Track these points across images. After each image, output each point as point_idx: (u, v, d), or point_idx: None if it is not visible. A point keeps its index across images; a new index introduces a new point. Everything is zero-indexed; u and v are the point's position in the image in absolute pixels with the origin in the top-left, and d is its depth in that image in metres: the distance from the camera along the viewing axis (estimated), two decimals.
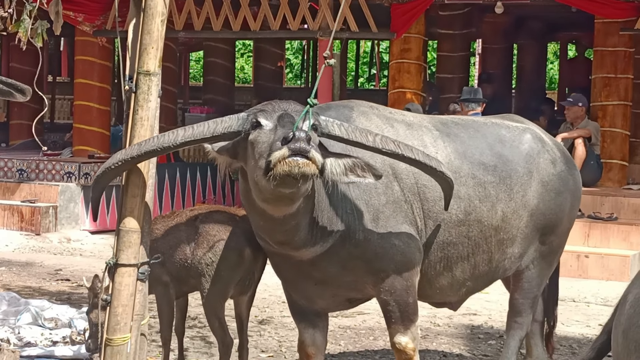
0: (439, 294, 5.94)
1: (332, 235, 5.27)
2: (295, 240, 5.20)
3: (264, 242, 5.43)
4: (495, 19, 17.53)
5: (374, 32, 14.05)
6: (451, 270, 5.81)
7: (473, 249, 5.81)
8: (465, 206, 5.69)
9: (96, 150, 15.27)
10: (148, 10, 4.42)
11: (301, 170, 4.53)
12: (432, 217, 5.59)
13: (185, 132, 4.73)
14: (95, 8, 14.99)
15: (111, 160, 4.66)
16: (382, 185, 5.38)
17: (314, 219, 5.19)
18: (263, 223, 5.19)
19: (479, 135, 5.99)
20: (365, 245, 5.35)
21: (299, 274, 5.53)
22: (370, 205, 5.36)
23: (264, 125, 4.79)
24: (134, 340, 4.60)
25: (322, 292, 5.62)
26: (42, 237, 13.61)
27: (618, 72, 13.31)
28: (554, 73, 30.58)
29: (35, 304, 8.07)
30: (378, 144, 4.91)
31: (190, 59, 29.06)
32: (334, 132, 4.91)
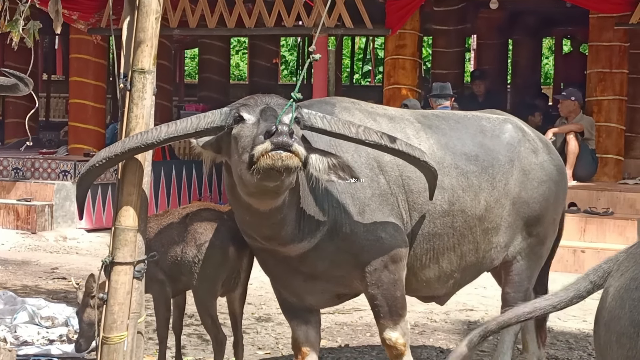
0: (425, 287, 5.95)
1: (319, 230, 5.28)
2: (282, 235, 5.20)
3: (251, 238, 5.43)
4: (490, 14, 17.55)
5: (369, 28, 14.04)
6: (438, 262, 5.82)
7: (459, 239, 5.82)
8: (449, 196, 5.71)
9: (92, 149, 15.25)
10: (142, 7, 4.42)
11: (284, 163, 4.53)
12: (416, 209, 5.61)
13: (169, 129, 4.72)
14: (90, 6, 14.98)
15: (95, 159, 4.66)
16: (367, 178, 5.40)
17: (300, 213, 5.20)
18: (249, 218, 5.18)
19: (459, 126, 6.03)
20: (352, 238, 5.35)
21: (286, 270, 5.53)
22: (355, 199, 5.37)
23: (247, 120, 4.80)
24: (130, 339, 4.60)
25: (311, 288, 5.62)
26: (38, 235, 13.60)
27: (613, 66, 13.32)
28: (549, 68, 30.61)
29: (32, 302, 8.07)
30: (361, 135, 4.91)
31: (185, 57, 29.05)
32: (316, 124, 4.90)
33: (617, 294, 3.12)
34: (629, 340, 2.99)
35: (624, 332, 3.02)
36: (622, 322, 3.04)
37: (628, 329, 3.00)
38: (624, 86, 13.44)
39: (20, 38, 5.82)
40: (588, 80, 13.66)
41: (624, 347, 3.01)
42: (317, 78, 14.37)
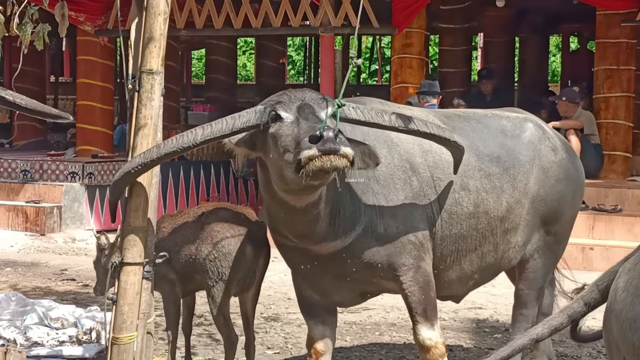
0: (447, 287, 5.96)
1: (354, 230, 5.29)
2: (316, 232, 5.20)
3: (282, 237, 5.41)
4: (496, 12, 17.53)
5: (376, 27, 14.04)
6: (460, 263, 5.85)
7: (480, 241, 5.85)
8: (474, 198, 5.74)
9: (100, 150, 15.29)
10: (150, 9, 4.43)
11: (333, 164, 4.54)
12: (446, 210, 5.64)
13: (204, 131, 4.74)
14: (97, 8, 15.00)
15: (130, 165, 4.66)
16: (400, 180, 5.42)
17: (336, 211, 5.21)
18: (284, 214, 5.19)
19: (481, 126, 6.05)
20: (385, 239, 5.37)
21: (316, 269, 5.51)
22: (390, 200, 5.39)
23: (285, 118, 4.81)
24: (140, 339, 4.62)
25: (338, 287, 5.61)
26: (47, 237, 13.63)
27: (620, 63, 13.30)
28: (556, 66, 30.56)
29: (42, 304, 8.09)
30: (394, 122, 4.96)
31: (192, 57, 29.06)
32: (350, 115, 4.92)
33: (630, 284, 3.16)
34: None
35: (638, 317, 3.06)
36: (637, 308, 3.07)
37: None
38: (632, 83, 13.43)
39: (30, 41, 5.83)
40: (595, 78, 13.65)
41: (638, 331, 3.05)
42: (324, 78, 14.37)
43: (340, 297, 5.75)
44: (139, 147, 4.54)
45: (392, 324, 8.72)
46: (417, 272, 5.48)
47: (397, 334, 8.36)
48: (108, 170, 14.55)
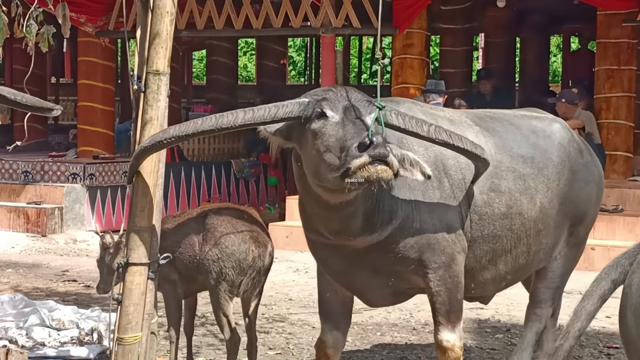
0: (481, 288, 5.97)
1: (391, 224, 5.26)
2: (352, 228, 5.16)
3: (317, 234, 5.36)
4: (497, 12, 17.54)
5: (376, 28, 14.04)
6: (495, 263, 5.85)
7: (515, 242, 5.86)
8: (506, 200, 5.75)
9: (101, 151, 15.29)
10: (157, 10, 4.43)
11: (379, 176, 4.59)
12: (476, 212, 5.64)
13: (245, 115, 4.76)
14: (98, 9, 15.00)
15: (163, 135, 4.65)
16: (436, 180, 5.42)
17: (375, 205, 5.17)
18: (318, 210, 5.16)
19: (513, 127, 6.08)
20: (420, 234, 5.36)
21: (349, 265, 5.47)
22: (426, 197, 5.39)
23: (330, 117, 4.79)
24: (144, 339, 4.62)
25: (371, 284, 5.58)
26: (48, 238, 13.64)
27: (621, 63, 13.31)
28: (557, 66, 30.58)
29: (43, 305, 8.10)
30: (432, 133, 4.98)
31: (193, 58, 29.07)
32: (391, 121, 4.92)
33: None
34: None
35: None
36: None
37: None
38: (633, 83, 13.43)
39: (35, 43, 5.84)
40: (596, 78, 13.65)
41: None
42: (325, 78, 14.37)
43: (373, 295, 5.71)
44: None
45: (394, 325, 8.73)
46: (447, 271, 5.45)
47: (399, 335, 8.37)
48: (109, 171, 14.56)
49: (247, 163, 16.54)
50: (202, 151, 16.84)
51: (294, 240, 12.90)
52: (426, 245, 5.38)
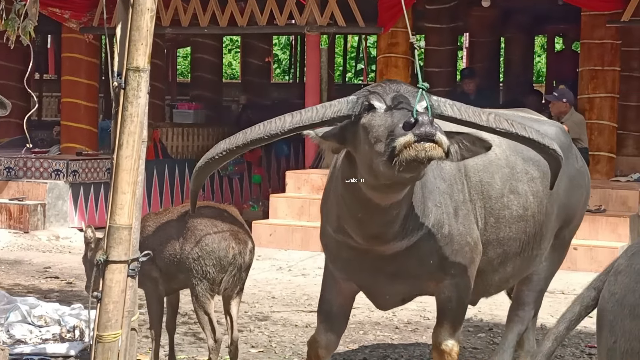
0: (487, 290, 5.95)
1: (421, 229, 5.16)
2: (390, 232, 5.05)
3: (346, 236, 5.21)
4: (482, 12, 17.57)
5: (362, 26, 14.06)
6: (505, 266, 5.80)
7: (525, 245, 5.83)
8: (523, 202, 5.72)
9: (84, 148, 15.24)
10: (137, 6, 4.42)
11: (428, 154, 4.38)
12: (493, 215, 5.58)
13: (293, 119, 4.66)
14: (82, 5, 14.95)
15: (214, 151, 4.66)
16: (459, 182, 5.36)
17: (408, 211, 5.07)
18: (362, 215, 4.98)
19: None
20: (447, 240, 5.28)
21: (372, 269, 5.37)
22: (453, 200, 5.31)
23: (377, 108, 4.63)
24: (124, 337, 4.61)
25: (388, 289, 5.49)
26: (31, 234, 13.59)
27: (605, 64, 13.34)
28: (541, 66, 30.64)
29: (25, 301, 8.06)
30: (492, 123, 4.77)
31: (178, 55, 29.02)
32: (446, 112, 4.75)
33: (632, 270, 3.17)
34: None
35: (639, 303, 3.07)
36: (637, 294, 3.08)
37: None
38: (616, 84, 13.46)
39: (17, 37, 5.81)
40: (580, 78, 13.68)
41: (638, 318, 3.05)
42: (310, 76, 14.38)
43: (384, 299, 5.63)
44: (125, 144, 4.52)
45: (376, 323, 8.73)
46: (462, 278, 5.39)
47: (381, 333, 8.37)
48: (92, 168, 14.51)
49: (231, 161, 16.49)
50: (186, 148, 16.81)
51: (277, 238, 12.90)
52: (450, 250, 5.30)
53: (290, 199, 13.36)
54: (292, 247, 12.74)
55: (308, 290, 10.21)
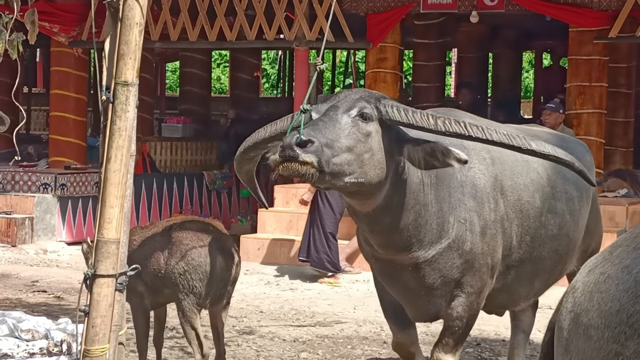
0: (511, 303, 6.03)
1: (440, 243, 5.24)
2: (396, 242, 5.18)
3: (369, 246, 5.41)
4: (470, 28, 17.62)
5: (350, 41, 14.10)
6: (533, 283, 5.88)
7: (556, 262, 5.92)
8: (559, 221, 5.78)
9: (72, 161, 15.21)
10: (126, 20, 4.42)
11: (295, 172, 4.65)
12: (530, 233, 5.63)
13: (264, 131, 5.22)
14: (71, 19, 14.96)
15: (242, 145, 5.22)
16: (493, 201, 5.39)
17: (421, 222, 5.15)
18: (358, 222, 5.27)
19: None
20: (469, 257, 5.32)
21: (397, 280, 5.47)
22: (481, 219, 5.35)
23: (313, 117, 4.91)
24: (112, 351, 4.59)
25: (415, 301, 5.55)
26: (18, 248, 13.55)
27: (592, 80, 13.38)
28: (529, 82, 30.72)
29: (12, 315, 8.03)
30: (440, 126, 4.82)
31: (167, 70, 29.01)
32: (394, 117, 4.85)
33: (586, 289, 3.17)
34: (596, 332, 3.04)
35: (592, 324, 3.06)
36: (591, 315, 3.08)
37: (596, 320, 3.05)
38: (604, 100, 13.51)
39: (4, 50, 5.81)
40: (568, 94, 13.72)
41: (591, 339, 3.05)
42: (298, 91, 14.40)
43: (415, 312, 5.67)
44: (113, 158, 4.52)
45: (364, 338, 8.73)
46: (477, 298, 5.44)
47: (369, 348, 8.37)
48: (81, 182, 14.49)
49: (220, 175, 16.51)
50: (175, 162, 16.81)
51: (266, 253, 12.89)
52: (470, 268, 5.34)
53: (279, 213, 13.36)
54: (280, 261, 12.74)
55: (296, 305, 10.20)
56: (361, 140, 4.79)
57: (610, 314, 3.00)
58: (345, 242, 12.50)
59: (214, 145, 17.80)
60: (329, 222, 11.84)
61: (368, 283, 11.62)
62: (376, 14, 13.75)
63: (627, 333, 2.92)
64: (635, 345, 2.89)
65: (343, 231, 12.86)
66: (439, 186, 5.20)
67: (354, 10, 13.87)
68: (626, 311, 2.94)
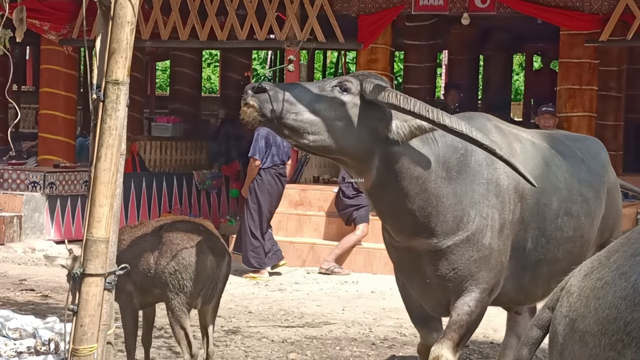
0: (526, 301, 6.14)
1: (456, 235, 5.36)
2: (404, 226, 5.34)
3: (387, 232, 5.56)
4: (461, 30, 17.64)
5: (341, 42, 14.10)
6: (549, 283, 5.91)
7: (571, 263, 5.94)
8: (574, 223, 5.87)
9: (61, 160, 15.18)
10: (117, 19, 4.41)
11: (242, 112, 5.09)
12: (545, 235, 5.73)
13: None
14: (61, 17, 14.93)
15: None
16: (513, 203, 5.51)
17: (430, 212, 5.28)
18: (367, 197, 5.54)
19: (570, 149, 6.20)
20: (487, 252, 5.44)
21: (412, 269, 5.58)
22: (501, 217, 5.47)
23: None
24: (100, 350, 4.58)
25: (429, 293, 5.63)
26: (6, 247, 13.51)
27: (583, 83, 13.40)
28: (519, 84, 30.77)
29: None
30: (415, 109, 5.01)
31: (157, 69, 28.99)
32: (391, 100, 5.05)
33: (583, 294, 3.16)
34: (593, 338, 3.03)
35: (588, 330, 3.05)
36: (587, 321, 3.06)
37: (592, 327, 3.04)
38: (594, 103, 13.53)
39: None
40: (558, 97, 13.74)
41: (587, 345, 3.04)
42: None
43: (431, 304, 5.74)
44: (103, 157, 4.50)
45: (353, 339, 8.72)
46: (489, 294, 5.53)
47: (358, 349, 8.36)
48: (70, 180, 14.46)
49: (209, 175, 16.49)
50: (164, 162, 16.78)
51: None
52: (486, 263, 5.44)
53: None
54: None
55: (285, 306, 10.19)
56: (332, 107, 5.08)
57: (607, 321, 2.98)
58: (334, 243, 12.50)
59: (203, 145, 17.78)
60: (252, 220, 11.99)
61: (357, 284, 11.63)
62: (367, 15, 13.76)
63: (625, 341, 2.91)
64: (633, 353, 2.88)
65: (332, 232, 12.87)
66: (460, 180, 5.35)
67: (345, 11, 13.87)
68: (623, 319, 2.93)
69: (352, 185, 12.34)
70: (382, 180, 5.19)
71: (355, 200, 12.36)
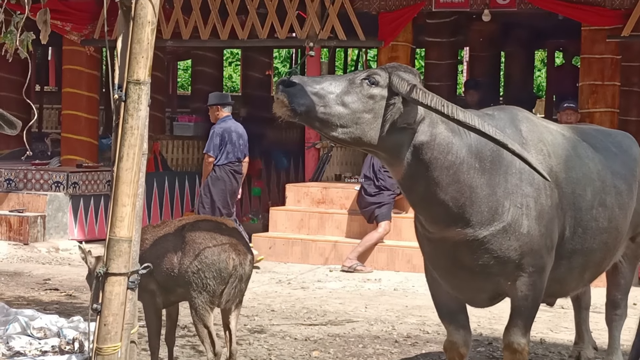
0: (561, 293, 6.21)
1: (492, 225, 5.41)
2: (437, 216, 5.38)
3: (420, 224, 5.60)
4: (482, 26, 17.59)
5: (362, 40, 14.09)
6: (584, 274, 6.09)
7: (605, 254, 6.13)
8: (609, 214, 5.96)
9: (84, 160, 15.24)
10: (138, 19, 4.43)
11: (273, 107, 5.06)
12: (582, 225, 5.82)
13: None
14: (83, 17, 14.98)
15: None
16: (549, 188, 5.58)
17: (464, 202, 5.32)
18: (400, 190, 5.67)
19: (604, 144, 6.29)
20: (526, 240, 5.50)
21: (450, 262, 5.62)
22: (538, 203, 5.54)
23: None
24: (124, 349, 4.60)
25: (468, 283, 5.69)
26: (31, 246, 13.58)
27: (605, 79, 13.34)
28: (541, 80, 30.66)
29: (24, 313, 8.05)
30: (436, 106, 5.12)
31: (178, 68, 29.03)
32: (397, 87, 5.15)
33: None
34: None
35: None
36: None
37: None
38: (616, 98, 13.47)
39: (15, 49, 5.82)
40: (580, 93, 13.68)
41: None
42: None
43: (470, 294, 5.82)
44: (125, 157, 4.53)
45: (376, 337, 8.72)
46: (539, 277, 5.61)
47: (381, 347, 8.36)
48: (92, 180, 14.52)
49: None
50: (186, 161, 16.81)
51: (277, 251, 12.90)
52: (529, 249, 5.52)
53: (290, 212, 13.37)
54: (292, 260, 12.75)
55: (307, 304, 10.20)
56: (361, 99, 5.11)
57: None
58: (356, 241, 12.50)
59: None
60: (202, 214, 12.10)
61: (379, 282, 11.62)
62: (388, 12, 13.73)
63: None
64: None
65: (354, 230, 12.87)
66: (493, 172, 5.40)
67: (365, 8, 13.86)
68: None
69: (374, 183, 12.35)
70: (412, 171, 5.24)
71: (377, 198, 12.36)
